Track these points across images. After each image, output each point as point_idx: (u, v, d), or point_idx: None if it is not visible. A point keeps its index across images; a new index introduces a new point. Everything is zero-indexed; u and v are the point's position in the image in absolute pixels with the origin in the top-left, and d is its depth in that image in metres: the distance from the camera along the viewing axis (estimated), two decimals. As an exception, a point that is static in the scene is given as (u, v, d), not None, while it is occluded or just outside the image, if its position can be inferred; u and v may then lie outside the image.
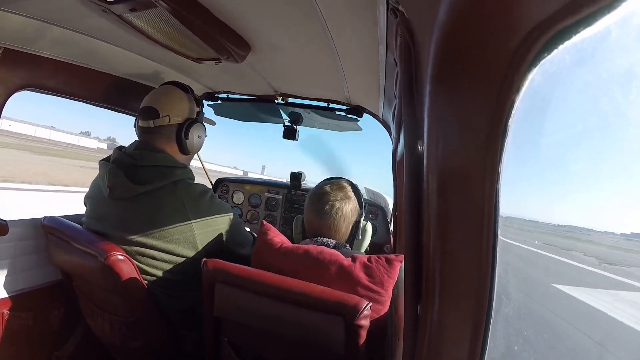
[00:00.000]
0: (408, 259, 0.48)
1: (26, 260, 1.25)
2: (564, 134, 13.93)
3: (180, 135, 1.17)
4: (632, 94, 4.25)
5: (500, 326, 0.46)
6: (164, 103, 1.17)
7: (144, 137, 1.18)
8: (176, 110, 1.18)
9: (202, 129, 1.25)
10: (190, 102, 1.22)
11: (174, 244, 1.08)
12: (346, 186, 1.12)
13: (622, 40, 0.31)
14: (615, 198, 49.84)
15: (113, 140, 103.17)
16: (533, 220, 23.91)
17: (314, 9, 0.80)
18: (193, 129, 1.19)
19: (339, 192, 1.08)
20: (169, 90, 1.21)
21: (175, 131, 1.17)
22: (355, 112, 1.71)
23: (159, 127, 1.16)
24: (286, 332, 0.88)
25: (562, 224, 26.49)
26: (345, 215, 1.06)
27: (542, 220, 38.07)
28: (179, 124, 1.18)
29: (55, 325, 1.34)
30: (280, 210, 2.17)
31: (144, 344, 1.14)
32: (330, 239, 1.05)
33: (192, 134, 1.19)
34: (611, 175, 41.32)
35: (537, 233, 24.75)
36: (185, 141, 1.18)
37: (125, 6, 0.84)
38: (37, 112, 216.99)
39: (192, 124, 1.19)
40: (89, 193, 1.21)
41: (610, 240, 35.61)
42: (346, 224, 1.07)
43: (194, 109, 1.22)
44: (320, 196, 1.08)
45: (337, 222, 1.05)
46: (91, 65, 1.38)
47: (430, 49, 0.36)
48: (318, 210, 1.06)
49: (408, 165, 0.46)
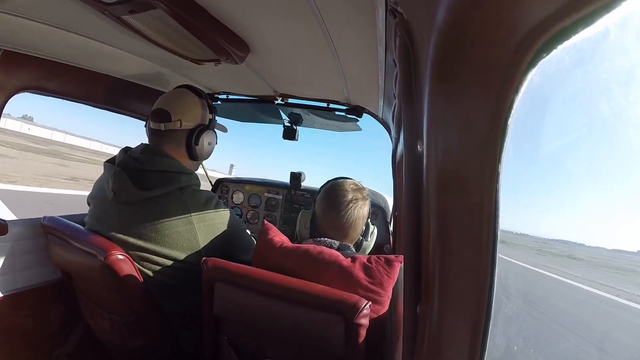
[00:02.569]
0: (407, 259, 0.49)
1: (26, 259, 1.25)
2: (563, 134, 13.88)
3: (191, 141, 1.15)
4: (632, 95, 4.24)
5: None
6: (176, 107, 1.15)
7: (153, 139, 1.17)
8: (188, 115, 1.15)
9: (213, 136, 1.23)
10: (204, 108, 1.20)
11: (178, 250, 1.07)
12: (363, 188, 1.12)
13: (622, 40, 0.31)
14: (615, 198, 49.45)
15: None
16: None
17: (313, 10, 0.80)
18: (204, 136, 1.17)
19: (359, 193, 1.09)
20: (182, 94, 1.19)
21: (185, 136, 1.15)
22: (355, 113, 1.71)
23: (169, 130, 1.13)
24: (286, 331, 0.89)
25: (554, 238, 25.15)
26: (362, 216, 1.07)
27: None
28: (190, 129, 1.16)
29: (55, 325, 1.34)
30: (280, 211, 2.17)
31: (143, 343, 1.14)
32: (334, 240, 1.04)
33: (203, 141, 1.17)
34: (610, 176, 41.00)
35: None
36: (195, 147, 1.16)
37: (124, 8, 0.84)
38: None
39: (204, 131, 1.17)
40: (92, 193, 1.21)
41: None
42: (360, 225, 1.08)
43: (206, 115, 1.20)
44: (340, 193, 1.07)
45: (354, 222, 1.06)
46: (90, 67, 1.38)
47: (429, 50, 0.36)
48: (336, 207, 1.05)
49: (407, 165, 0.46)
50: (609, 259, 15.95)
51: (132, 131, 1.28)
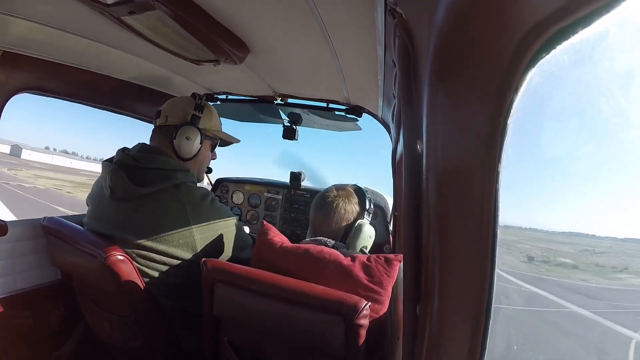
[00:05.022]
0: (407, 258, 0.49)
1: (26, 260, 1.25)
2: (562, 134, 13.87)
3: (172, 137, 1.17)
4: (632, 95, 4.25)
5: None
6: (168, 105, 1.25)
7: (151, 136, 1.24)
8: (173, 111, 1.21)
9: (193, 132, 1.19)
10: (189, 105, 1.22)
11: (174, 247, 1.07)
12: (350, 190, 1.17)
13: (621, 40, 0.31)
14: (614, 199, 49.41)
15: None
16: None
17: (312, 10, 0.80)
18: (181, 131, 1.17)
19: (341, 191, 1.15)
20: (182, 98, 1.29)
21: (170, 132, 1.18)
22: (355, 112, 1.72)
23: (159, 127, 1.21)
24: (285, 331, 0.89)
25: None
26: (345, 211, 1.11)
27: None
28: (174, 125, 1.19)
29: (55, 325, 1.34)
30: (280, 211, 2.17)
31: (143, 344, 1.14)
32: (329, 239, 1.06)
33: (180, 136, 1.17)
34: (610, 175, 40.83)
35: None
36: (174, 142, 1.17)
37: (124, 9, 0.84)
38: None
39: (182, 126, 1.18)
40: (91, 193, 1.22)
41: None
42: (345, 221, 1.12)
43: (189, 112, 1.21)
44: (324, 195, 1.16)
45: (336, 217, 1.11)
46: (90, 67, 1.38)
47: (428, 50, 0.36)
48: (320, 207, 1.14)
49: (407, 164, 0.46)
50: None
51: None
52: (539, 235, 10.27)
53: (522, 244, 7.90)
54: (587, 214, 53.21)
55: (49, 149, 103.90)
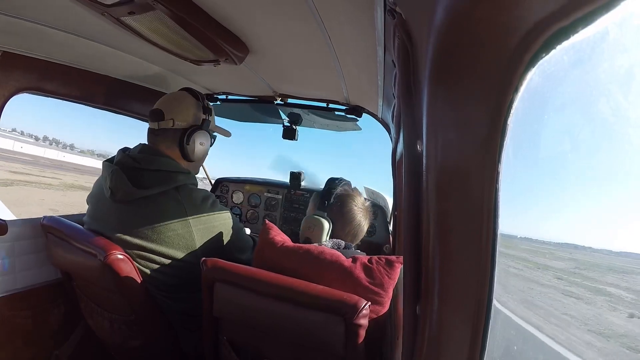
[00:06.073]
0: (407, 258, 0.48)
1: (25, 259, 1.25)
2: (562, 133, 13.88)
3: (182, 141, 1.17)
4: (632, 95, 4.25)
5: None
6: (170, 106, 1.19)
7: (150, 138, 1.20)
8: (181, 115, 1.18)
9: (206, 136, 1.23)
10: (197, 109, 1.21)
11: (174, 248, 1.08)
12: (369, 206, 1.18)
13: (621, 40, 0.31)
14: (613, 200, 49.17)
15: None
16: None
17: (311, 10, 0.80)
18: (195, 136, 1.18)
19: (362, 207, 1.14)
20: (179, 96, 1.23)
21: (178, 136, 1.17)
22: (355, 112, 1.71)
23: (163, 129, 1.17)
24: (285, 331, 0.89)
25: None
26: (361, 229, 1.14)
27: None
28: (182, 129, 1.18)
29: (55, 325, 1.34)
30: (280, 210, 2.16)
31: (143, 343, 1.14)
32: (342, 240, 1.08)
33: (194, 141, 1.18)
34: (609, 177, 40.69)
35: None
36: (187, 147, 1.17)
37: (124, 9, 0.84)
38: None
39: (195, 131, 1.18)
40: (91, 192, 1.22)
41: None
42: (359, 236, 1.15)
43: (199, 116, 1.21)
44: (346, 200, 1.12)
45: (352, 230, 1.12)
46: (90, 67, 1.38)
47: (428, 50, 0.36)
48: (337, 213, 1.10)
49: (407, 164, 0.46)
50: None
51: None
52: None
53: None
54: (587, 215, 52.89)
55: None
